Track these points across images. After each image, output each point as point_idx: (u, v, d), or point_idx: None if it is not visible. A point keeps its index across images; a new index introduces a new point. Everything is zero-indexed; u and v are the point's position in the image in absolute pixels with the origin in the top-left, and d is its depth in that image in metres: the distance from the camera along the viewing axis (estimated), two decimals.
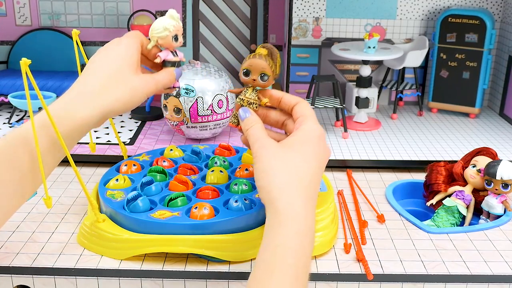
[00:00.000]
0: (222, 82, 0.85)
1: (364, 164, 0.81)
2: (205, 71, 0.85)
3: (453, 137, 0.93)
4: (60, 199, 0.69)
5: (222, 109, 0.84)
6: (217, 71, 0.86)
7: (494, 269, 0.56)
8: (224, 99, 0.84)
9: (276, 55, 0.58)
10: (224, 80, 0.85)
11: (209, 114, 0.83)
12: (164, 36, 0.61)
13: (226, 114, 0.86)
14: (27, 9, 1.04)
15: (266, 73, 0.57)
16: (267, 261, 0.44)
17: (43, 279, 0.55)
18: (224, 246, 0.55)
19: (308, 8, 1.04)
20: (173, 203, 0.58)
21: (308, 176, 0.49)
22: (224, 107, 0.85)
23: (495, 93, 1.06)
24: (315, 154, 0.51)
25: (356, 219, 0.66)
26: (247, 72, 0.57)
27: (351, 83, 1.05)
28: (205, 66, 0.87)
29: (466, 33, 0.99)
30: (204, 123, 0.84)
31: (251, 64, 0.57)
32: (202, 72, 0.84)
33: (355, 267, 0.56)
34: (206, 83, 0.83)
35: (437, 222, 0.67)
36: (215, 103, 0.83)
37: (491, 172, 0.64)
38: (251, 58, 0.57)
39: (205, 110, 0.83)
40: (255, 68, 0.57)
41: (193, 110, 0.83)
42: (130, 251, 0.56)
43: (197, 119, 0.83)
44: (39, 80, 0.97)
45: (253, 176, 0.64)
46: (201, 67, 0.85)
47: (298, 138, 0.52)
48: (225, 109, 0.85)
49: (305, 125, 0.53)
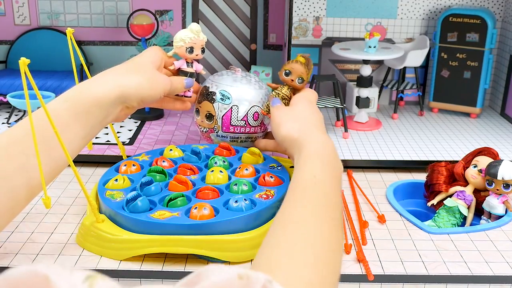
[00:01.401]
0: (261, 94, 0.77)
1: (364, 164, 0.81)
2: (245, 80, 0.77)
3: (454, 137, 0.92)
4: (59, 199, 0.69)
5: (257, 122, 0.76)
6: (258, 81, 0.79)
7: (495, 269, 0.56)
8: (261, 112, 0.76)
9: (311, 66, 0.73)
10: (264, 92, 0.77)
11: (243, 125, 0.76)
12: (179, 46, 0.69)
13: (260, 128, 0.78)
14: (26, 9, 1.04)
15: (302, 78, 0.71)
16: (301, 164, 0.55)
17: None
18: (224, 246, 0.55)
19: (309, 8, 1.03)
20: (173, 203, 0.58)
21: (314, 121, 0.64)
22: (259, 121, 0.77)
23: (496, 93, 1.06)
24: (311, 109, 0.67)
25: (356, 219, 0.66)
26: (288, 73, 0.72)
27: (351, 83, 1.05)
28: (246, 74, 0.79)
29: (467, 32, 0.98)
30: (236, 134, 0.76)
31: (293, 67, 0.71)
32: (242, 80, 0.77)
33: (355, 267, 0.56)
34: (244, 92, 0.76)
35: (438, 222, 0.67)
36: (250, 114, 0.75)
37: (492, 172, 0.64)
38: (293, 63, 0.71)
39: (239, 120, 0.75)
40: (295, 72, 0.71)
41: (226, 118, 0.75)
42: (130, 251, 0.55)
43: (229, 128, 0.76)
44: (38, 80, 0.97)
45: (253, 176, 0.65)
46: (241, 74, 0.78)
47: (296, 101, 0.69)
48: (260, 123, 0.77)
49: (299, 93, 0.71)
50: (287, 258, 0.41)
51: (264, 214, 0.58)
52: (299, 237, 0.44)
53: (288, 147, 0.63)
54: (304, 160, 0.56)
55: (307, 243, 0.43)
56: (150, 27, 1.01)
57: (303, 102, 0.68)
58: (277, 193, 0.61)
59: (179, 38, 0.69)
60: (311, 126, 0.62)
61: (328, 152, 0.57)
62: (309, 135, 0.60)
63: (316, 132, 0.61)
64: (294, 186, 0.52)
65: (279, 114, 0.67)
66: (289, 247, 0.42)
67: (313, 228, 0.45)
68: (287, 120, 0.65)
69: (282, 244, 0.43)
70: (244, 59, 1.09)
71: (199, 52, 0.70)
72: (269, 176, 0.64)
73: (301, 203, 0.49)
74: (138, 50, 1.07)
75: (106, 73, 0.62)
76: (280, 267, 0.40)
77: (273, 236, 0.45)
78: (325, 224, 0.46)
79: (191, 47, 0.69)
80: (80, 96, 0.58)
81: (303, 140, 0.59)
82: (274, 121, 0.67)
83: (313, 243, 0.43)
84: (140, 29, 1.00)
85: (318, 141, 0.59)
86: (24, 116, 0.96)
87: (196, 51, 0.70)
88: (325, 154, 0.56)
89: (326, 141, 0.59)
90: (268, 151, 0.76)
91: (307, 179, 0.52)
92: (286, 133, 0.63)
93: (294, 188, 0.52)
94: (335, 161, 0.57)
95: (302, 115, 0.65)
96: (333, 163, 0.56)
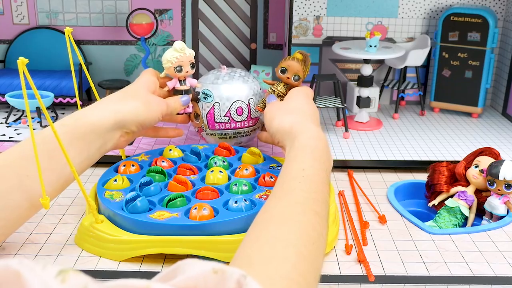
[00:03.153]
0: (246, 89, 0.77)
1: (365, 164, 0.80)
2: (228, 76, 0.78)
3: (455, 137, 0.92)
4: (58, 200, 0.69)
5: (241, 117, 0.77)
6: (243, 76, 0.79)
7: (496, 270, 0.56)
8: (245, 106, 0.77)
9: (308, 62, 0.72)
10: (249, 86, 0.78)
11: (227, 121, 0.77)
12: (167, 67, 0.70)
13: (248, 123, 0.79)
14: (24, 8, 1.03)
15: (298, 75, 0.70)
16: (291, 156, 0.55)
17: None
18: (224, 247, 0.55)
19: (309, 7, 1.03)
20: (172, 203, 0.58)
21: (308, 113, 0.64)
22: (245, 115, 0.77)
23: (498, 92, 1.06)
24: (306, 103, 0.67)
25: (357, 220, 0.66)
26: (284, 70, 0.71)
27: (352, 83, 1.04)
28: (231, 71, 0.80)
29: (469, 31, 0.98)
30: (222, 130, 0.78)
31: (289, 65, 0.70)
32: (225, 77, 0.78)
33: (356, 268, 0.55)
34: (225, 89, 0.77)
35: (439, 223, 0.66)
36: (233, 110, 0.76)
37: (494, 172, 0.64)
38: (290, 60, 0.70)
39: (222, 117, 0.77)
40: (291, 69, 0.70)
41: (210, 116, 0.77)
42: (129, 252, 0.55)
43: (214, 126, 0.78)
44: (36, 80, 0.97)
45: (253, 177, 0.65)
46: (226, 71, 0.79)
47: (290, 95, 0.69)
48: (246, 117, 0.78)
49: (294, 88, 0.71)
50: (266, 253, 0.40)
51: None
52: (280, 233, 0.43)
53: (281, 139, 0.62)
54: (295, 153, 0.55)
55: (288, 239, 0.42)
56: (149, 27, 1.01)
57: (298, 96, 0.68)
58: None
59: (165, 59, 0.69)
60: (304, 118, 0.62)
61: (320, 145, 0.57)
62: (301, 127, 0.60)
63: (309, 124, 0.61)
64: (282, 179, 0.52)
65: (271, 109, 0.67)
66: (269, 243, 0.42)
67: (296, 223, 0.44)
68: (280, 113, 0.65)
69: (262, 239, 0.42)
70: (244, 58, 1.09)
71: (189, 68, 0.70)
72: (269, 176, 0.63)
73: (286, 197, 0.48)
74: (138, 50, 1.07)
75: (102, 101, 0.63)
76: (258, 263, 0.39)
77: (254, 231, 0.44)
78: (309, 219, 0.46)
79: (179, 66, 0.69)
80: (76, 123, 0.59)
81: (295, 132, 0.59)
82: (267, 115, 0.67)
83: (295, 239, 0.42)
84: (139, 29, 1.00)
85: (310, 133, 0.58)
86: (23, 116, 0.96)
87: (185, 68, 0.70)
88: (316, 147, 0.56)
89: (318, 133, 0.59)
90: (269, 143, 0.75)
91: (296, 172, 0.52)
92: (278, 125, 0.63)
93: (282, 181, 0.51)
94: (326, 155, 0.57)
95: (296, 107, 0.65)
96: (323, 156, 0.56)
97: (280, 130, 0.62)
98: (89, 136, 0.59)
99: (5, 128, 0.92)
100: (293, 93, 0.69)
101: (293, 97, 0.68)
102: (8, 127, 0.92)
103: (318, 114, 0.66)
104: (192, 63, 0.71)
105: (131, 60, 1.08)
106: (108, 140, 0.61)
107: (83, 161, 0.59)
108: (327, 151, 0.57)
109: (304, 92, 0.69)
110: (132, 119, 0.62)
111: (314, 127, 0.60)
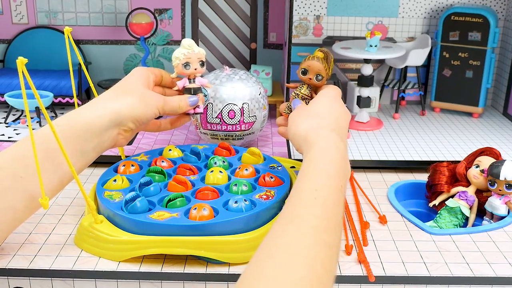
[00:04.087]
0: (242, 93, 0.76)
1: (365, 164, 0.80)
2: (227, 78, 0.77)
3: (456, 137, 0.92)
4: (57, 200, 0.69)
5: (233, 121, 0.77)
6: (243, 79, 0.78)
7: (497, 271, 0.56)
8: (238, 110, 0.76)
9: (330, 59, 0.68)
10: (246, 90, 0.77)
11: (218, 123, 0.77)
12: (175, 65, 0.68)
13: (240, 127, 0.78)
14: (23, 7, 1.03)
15: (321, 74, 0.66)
16: (300, 173, 0.52)
17: (40, 281, 0.55)
18: (224, 247, 0.54)
19: (309, 6, 1.03)
20: (172, 204, 0.58)
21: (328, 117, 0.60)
22: (237, 119, 0.77)
23: (499, 92, 1.06)
24: (330, 105, 0.62)
25: (357, 220, 0.65)
26: (305, 71, 0.67)
27: (352, 82, 1.04)
28: (233, 72, 0.79)
29: (469, 31, 0.98)
30: (214, 131, 0.78)
31: (309, 65, 0.66)
32: (223, 78, 0.78)
33: (356, 269, 0.55)
34: (220, 90, 0.77)
35: (440, 223, 0.66)
36: (225, 112, 0.76)
37: (495, 172, 0.64)
38: (310, 60, 0.66)
39: (214, 118, 0.77)
40: (312, 69, 0.66)
41: (203, 116, 0.78)
42: (128, 252, 0.55)
43: (207, 126, 0.78)
44: (36, 79, 0.97)
45: (253, 177, 0.64)
46: (228, 72, 0.78)
47: (316, 98, 0.65)
48: (238, 121, 0.77)
49: (322, 90, 0.66)
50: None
51: (264, 215, 0.58)
52: (285, 270, 0.39)
53: (297, 146, 0.60)
54: (307, 167, 0.52)
55: (293, 278, 0.39)
56: (149, 26, 1.00)
57: (322, 99, 0.64)
58: (277, 194, 0.60)
59: (174, 57, 0.68)
60: (321, 125, 0.59)
61: (335, 156, 0.53)
62: (316, 135, 0.57)
63: (325, 131, 0.57)
64: (293, 199, 0.48)
65: (293, 114, 0.64)
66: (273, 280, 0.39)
67: (303, 259, 0.40)
68: (299, 118, 0.62)
69: (265, 274, 0.39)
70: (244, 58, 1.09)
71: (198, 66, 0.68)
72: (269, 177, 0.63)
73: (295, 223, 0.44)
74: (137, 49, 1.07)
75: (97, 100, 0.61)
76: None
77: (257, 263, 0.41)
78: (318, 253, 0.42)
79: (186, 63, 0.67)
80: (69, 123, 0.58)
81: (311, 140, 0.56)
82: (289, 123, 0.63)
83: (300, 278, 0.39)
84: (139, 28, 1.00)
85: (325, 142, 0.55)
86: (22, 116, 0.96)
87: (193, 65, 0.67)
88: (331, 160, 0.53)
89: (334, 141, 0.55)
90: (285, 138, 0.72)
91: (308, 193, 0.48)
92: (294, 131, 0.60)
93: (293, 202, 0.48)
94: (343, 166, 0.53)
95: (317, 112, 0.61)
96: (340, 169, 0.52)
97: (296, 137, 0.60)
98: (84, 136, 0.58)
99: (4, 128, 0.92)
100: (318, 96, 0.65)
101: (317, 100, 0.64)
102: (7, 127, 0.92)
103: (345, 116, 0.62)
104: (201, 61, 0.68)
105: (130, 60, 1.07)
106: (105, 139, 0.60)
107: (79, 161, 0.58)
108: (344, 162, 0.54)
109: (329, 94, 0.64)
110: (128, 115, 0.61)
111: (330, 134, 0.57)
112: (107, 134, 0.60)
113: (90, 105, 0.61)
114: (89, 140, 0.58)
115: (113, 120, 0.60)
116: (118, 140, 0.62)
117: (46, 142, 0.54)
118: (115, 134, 0.61)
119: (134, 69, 0.66)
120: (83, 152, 0.58)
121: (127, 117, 0.61)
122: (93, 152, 0.59)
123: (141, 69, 0.66)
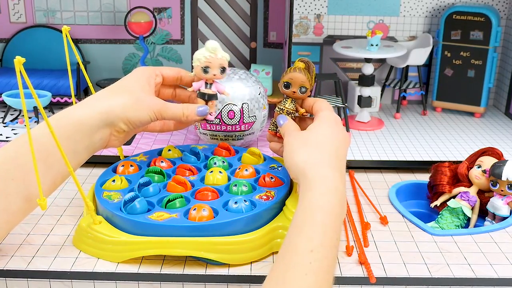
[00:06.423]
0: (242, 92, 0.75)
1: (366, 164, 0.80)
2: (226, 78, 0.75)
3: (457, 137, 0.91)
4: (55, 201, 0.68)
5: (233, 121, 0.76)
6: (242, 79, 0.77)
7: (499, 272, 0.55)
8: (238, 110, 0.74)
9: (312, 69, 0.63)
10: (246, 90, 0.75)
11: (217, 123, 0.76)
12: (195, 66, 0.64)
13: (239, 127, 0.77)
14: (21, 6, 1.03)
15: (305, 86, 0.62)
16: (296, 222, 0.49)
17: (38, 283, 0.54)
18: (223, 248, 0.54)
19: (310, 5, 1.02)
20: (171, 204, 0.58)
21: (329, 149, 0.56)
22: (236, 119, 0.75)
23: (501, 91, 1.05)
24: (331, 133, 0.58)
25: (358, 220, 0.65)
26: (288, 85, 0.62)
27: (353, 82, 1.04)
28: (232, 71, 0.78)
29: (471, 30, 0.97)
30: (213, 131, 0.78)
31: (291, 77, 0.62)
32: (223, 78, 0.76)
33: (357, 270, 0.55)
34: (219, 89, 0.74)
35: (441, 224, 0.66)
36: (224, 112, 0.75)
37: (497, 172, 0.64)
38: (291, 72, 0.62)
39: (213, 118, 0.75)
40: (295, 81, 0.62)
41: None
42: (127, 253, 0.55)
43: (206, 126, 0.78)
44: (34, 79, 0.97)
45: (253, 177, 0.64)
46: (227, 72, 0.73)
47: (315, 123, 0.59)
48: (237, 122, 0.76)
49: (321, 112, 0.61)
50: None
51: (264, 216, 0.57)
52: None
53: (294, 177, 0.56)
54: (303, 213, 0.49)
55: None
56: (148, 25, 1.00)
57: (323, 126, 0.58)
58: (278, 194, 0.60)
59: (195, 58, 0.64)
60: (324, 160, 0.54)
61: (333, 202, 0.50)
62: (317, 172, 0.52)
63: (327, 170, 0.53)
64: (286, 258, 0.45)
65: (289, 141, 0.59)
66: None
67: None
68: (297, 145, 0.57)
69: None
70: (244, 57, 1.08)
71: (217, 72, 0.64)
72: (269, 177, 0.63)
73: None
74: (136, 48, 1.06)
75: (90, 98, 0.60)
76: None
77: None
78: None
79: (206, 66, 0.63)
80: (59, 123, 0.56)
81: (310, 177, 0.52)
82: (286, 149, 0.58)
83: None
84: (138, 27, 1.00)
85: (325, 187, 0.51)
86: (20, 116, 0.95)
87: (213, 70, 0.63)
88: (328, 210, 0.49)
89: (334, 183, 0.51)
90: None
91: (302, 255, 0.45)
92: (291, 161, 0.56)
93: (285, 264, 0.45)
94: (341, 215, 0.50)
95: (318, 142, 0.56)
96: (338, 219, 0.49)
97: (293, 168, 0.55)
98: (75, 136, 0.57)
99: (2, 128, 0.91)
100: (318, 121, 0.59)
101: (317, 126, 0.58)
102: (5, 127, 0.92)
103: (345, 144, 0.59)
104: (223, 67, 0.64)
105: (129, 59, 1.07)
106: (97, 139, 0.58)
107: (71, 161, 0.56)
108: (342, 204, 0.51)
109: (330, 118, 0.59)
110: (119, 115, 0.58)
111: (330, 174, 0.52)
112: (98, 134, 0.58)
113: (81, 104, 0.59)
114: (80, 140, 0.57)
115: (103, 120, 0.58)
116: (111, 141, 0.60)
117: (38, 143, 0.53)
118: (107, 134, 0.59)
119: (135, 69, 0.64)
120: (75, 152, 0.57)
121: (118, 118, 0.59)
122: (85, 152, 0.58)
123: (142, 69, 0.64)
